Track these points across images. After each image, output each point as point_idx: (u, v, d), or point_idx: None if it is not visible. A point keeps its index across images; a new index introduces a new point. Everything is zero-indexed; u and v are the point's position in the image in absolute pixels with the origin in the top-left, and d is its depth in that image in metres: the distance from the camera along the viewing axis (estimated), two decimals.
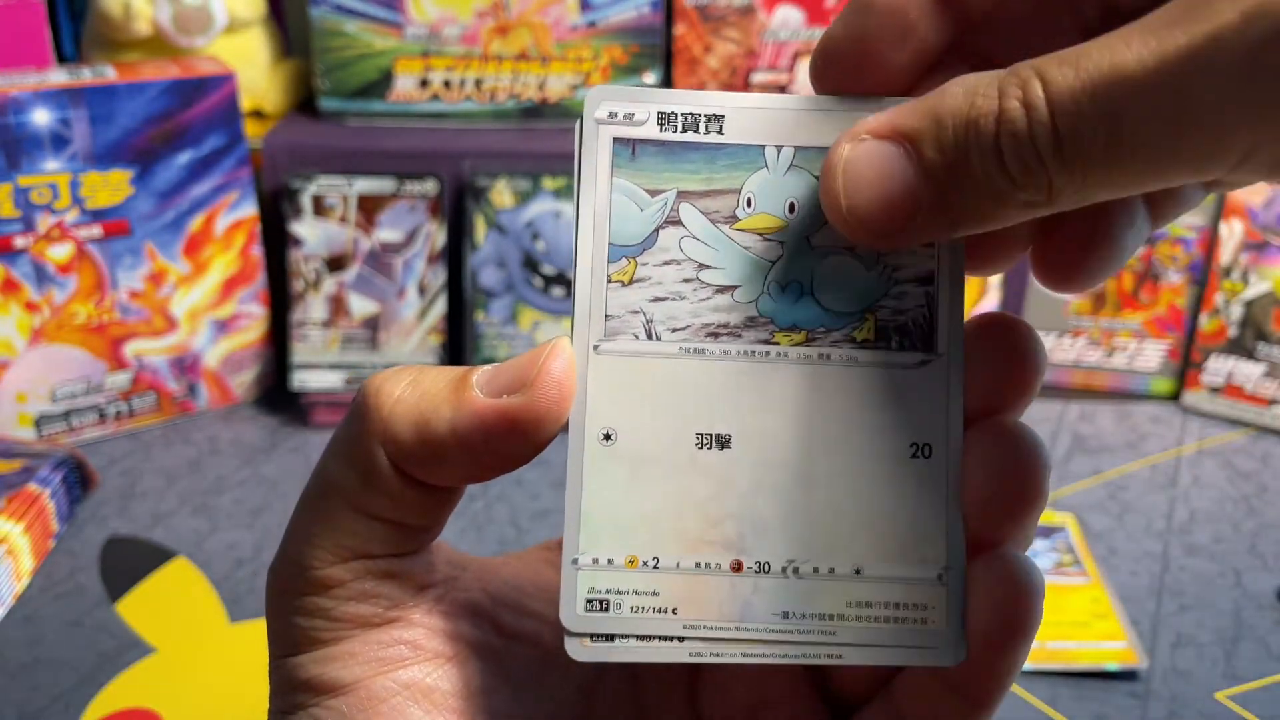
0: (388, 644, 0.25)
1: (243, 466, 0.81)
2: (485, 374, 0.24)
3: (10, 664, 0.62)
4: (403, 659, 0.25)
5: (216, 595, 0.67)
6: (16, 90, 0.75)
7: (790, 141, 0.25)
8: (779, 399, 0.24)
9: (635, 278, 0.25)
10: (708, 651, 0.24)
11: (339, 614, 0.24)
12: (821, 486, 0.24)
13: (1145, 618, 0.66)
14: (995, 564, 0.24)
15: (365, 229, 0.85)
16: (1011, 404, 0.25)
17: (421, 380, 0.24)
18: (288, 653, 0.25)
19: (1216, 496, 0.78)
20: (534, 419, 0.23)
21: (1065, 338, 0.92)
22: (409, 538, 0.25)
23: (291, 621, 0.25)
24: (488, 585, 0.27)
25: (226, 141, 0.82)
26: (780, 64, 0.89)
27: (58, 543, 0.72)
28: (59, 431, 0.83)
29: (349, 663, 0.24)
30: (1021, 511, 0.24)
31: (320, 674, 0.24)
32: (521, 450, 0.23)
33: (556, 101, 0.90)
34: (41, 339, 0.80)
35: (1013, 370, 0.24)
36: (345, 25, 0.88)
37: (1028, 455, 0.24)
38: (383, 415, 0.23)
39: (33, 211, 0.77)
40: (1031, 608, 0.23)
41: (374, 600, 0.25)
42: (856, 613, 0.24)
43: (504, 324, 0.86)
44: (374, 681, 0.24)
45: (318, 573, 0.24)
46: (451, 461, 0.23)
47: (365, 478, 0.24)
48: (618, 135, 0.25)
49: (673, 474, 0.24)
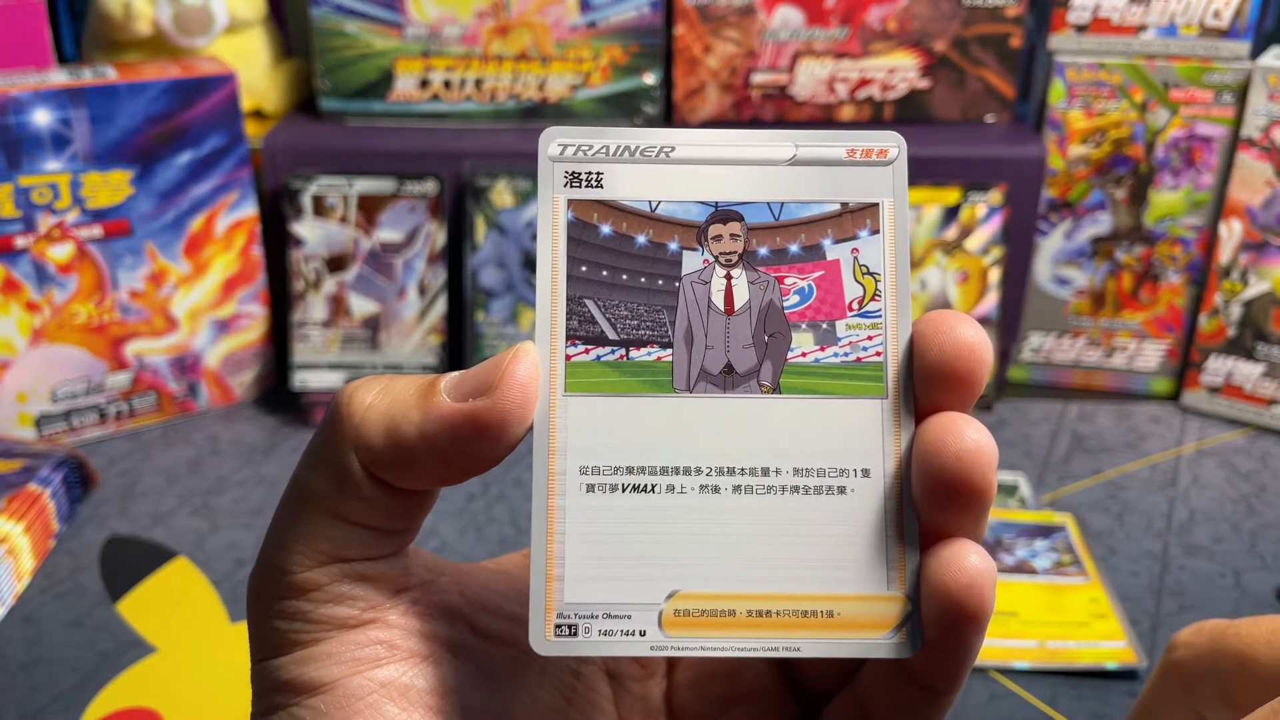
0: (364, 644, 0.25)
1: (243, 466, 0.81)
2: (452, 379, 0.25)
3: (10, 663, 0.62)
4: (379, 658, 0.25)
5: (217, 595, 0.67)
6: (17, 90, 0.75)
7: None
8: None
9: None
10: (669, 645, 0.25)
11: (317, 616, 0.25)
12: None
13: (1145, 617, 0.66)
14: (945, 555, 0.24)
15: (365, 229, 0.85)
16: (957, 402, 0.25)
17: (392, 388, 0.25)
18: (268, 655, 0.26)
19: (1216, 496, 0.78)
20: (499, 421, 0.24)
21: (1065, 338, 0.92)
22: (384, 541, 0.26)
23: (271, 625, 0.25)
24: (464, 589, 0.28)
25: (227, 142, 0.82)
26: (780, 64, 0.89)
27: (58, 542, 0.72)
28: (59, 431, 0.83)
29: (326, 663, 0.25)
30: (969, 505, 0.24)
31: (299, 675, 0.25)
32: (489, 452, 0.24)
33: (556, 102, 0.90)
34: (42, 339, 0.81)
35: (955, 371, 0.25)
36: (345, 25, 0.88)
37: (972, 449, 0.24)
38: (354, 422, 0.24)
39: (33, 211, 0.77)
40: (983, 595, 0.24)
41: (350, 602, 0.25)
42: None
43: (504, 324, 0.86)
44: (351, 680, 0.25)
45: (295, 577, 0.25)
46: (421, 465, 0.24)
47: (339, 483, 0.24)
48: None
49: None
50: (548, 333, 0.25)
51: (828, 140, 0.26)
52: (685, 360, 0.25)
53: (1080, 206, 0.88)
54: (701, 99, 0.90)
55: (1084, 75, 0.85)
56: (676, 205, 0.26)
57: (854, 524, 0.25)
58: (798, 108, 0.90)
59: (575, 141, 0.26)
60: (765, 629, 0.25)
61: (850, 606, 0.25)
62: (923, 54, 0.88)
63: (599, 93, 0.90)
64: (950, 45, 0.88)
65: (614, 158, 0.26)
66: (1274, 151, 0.82)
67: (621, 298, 0.26)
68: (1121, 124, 0.85)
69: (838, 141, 0.26)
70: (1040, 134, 0.88)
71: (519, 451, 0.25)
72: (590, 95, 0.90)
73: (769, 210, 0.26)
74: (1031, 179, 0.86)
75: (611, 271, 0.26)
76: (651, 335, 0.25)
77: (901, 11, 0.87)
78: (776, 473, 0.25)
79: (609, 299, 0.25)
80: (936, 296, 0.84)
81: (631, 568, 0.25)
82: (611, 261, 0.26)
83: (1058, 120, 0.86)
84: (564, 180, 0.26)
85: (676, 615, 0.25)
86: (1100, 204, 0.88)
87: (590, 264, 0.26)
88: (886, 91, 0.89)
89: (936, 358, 0.25)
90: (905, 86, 0.89)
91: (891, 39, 0.88)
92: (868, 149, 0.26)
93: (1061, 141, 0.87)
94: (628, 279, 0.26)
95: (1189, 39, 0.84)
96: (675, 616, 0.25)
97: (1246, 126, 0.82)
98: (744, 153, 0.26)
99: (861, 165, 0.26)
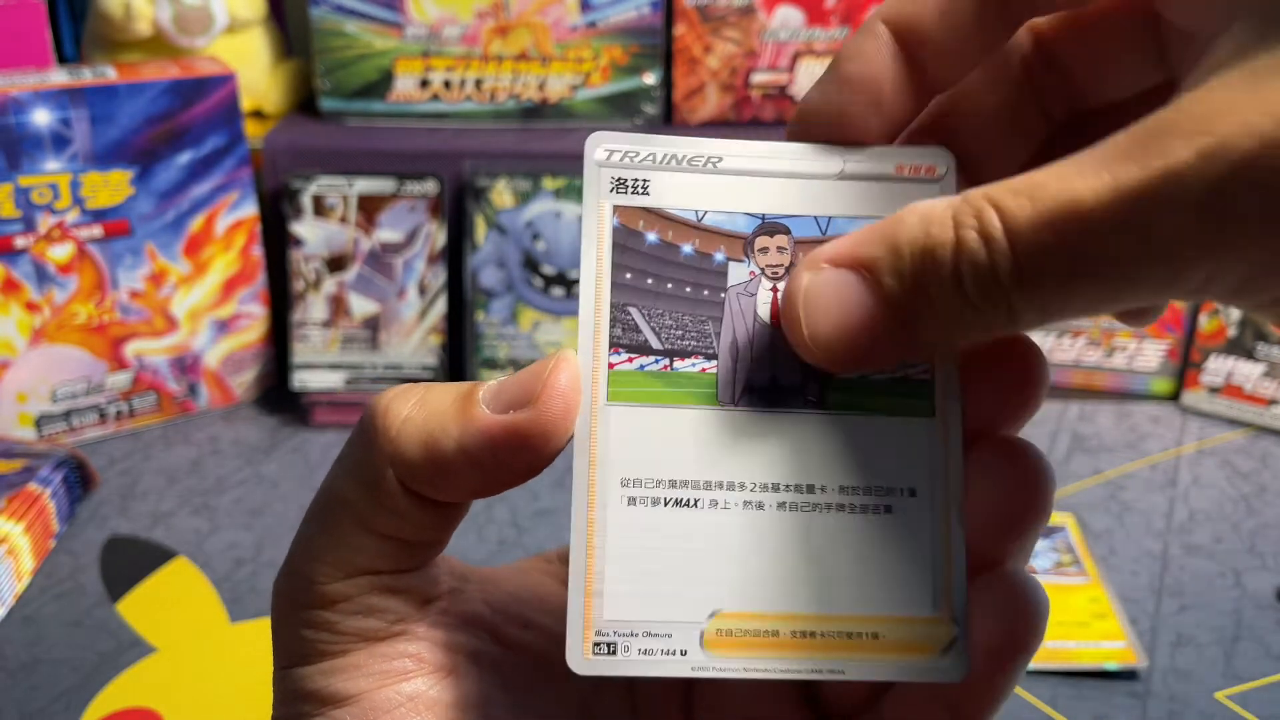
0: (392, 657, 0.25)
1: (243, 466, 0.81)
2: (490, 390, 0.24)
3: (11, 663, 0.62)
4: (406, 672, 0.25)
5: (216, 595, 0.67)
6: (17, 90, 0.75)
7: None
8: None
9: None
10: (711, 666, 0.24)
11: (344, 628, 0.25)
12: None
13: (1145, 617, 0.66)
14: (999, 583, 0.24)
15: (366, 229, 0.85)
16: (1012, 420, 0.25)
17: (428, 398, 0.24)
18: (293, 663, 0.25)
19: (1216, 496, 0.78)
20: (541, 433, 0.23)
21: (1065, 338, 0.92)
22: (415, 554, 0.25)
23: (297, 633, 0.25)
24: (490, 597, 0.27)
25: (227, 142, 0.82)
26: (780, 64, 0.89)
27: (58, 543, 0.72)
28: (59, 431, 0.83)
29: (353, 675, 0.25)
30: (1025, 529, 0.24)
31: (325, 686, 0.25)
32: (529, 464, 0.23)
33: (556, 102, 0.90)
34: (42, 339, 0.81)
35: (1014, 387, 0.24)
36: (345, 26, 0.88)
37: (1031, 471, 0.24)
38: (390, 435, 0.24)
39: (33, 211, 0.77)
40: (1036, 626, 0.23)
41: (379, 615, 0.25)
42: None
43: (504, 324, 0.86)
44: (378, 694, 0.25)
45: (324, 588, 0.25)
46: (459, 478, 0.24)
47: (373, 496, 0.24)
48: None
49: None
50: (590, 340, 0.25)
51: (876, 156, 0.25)
52: (730, 373, 0.25)
53: None
54: (701, 99, 0.90)
55: None
56: (723, 216, 0.25)
57: (900, 544, 0.24)
58: None
59: (622, 147, 0.25)
60: (809, 650, 0.24)
61: (896, 628, 0.24)
62: None
63: (599, 93, 0.90)
64: None
65: (661, 165, 0.25)
66: None
67: (666, 307, 0.25)
68: None
69: (886, 158, 0.26)
70: None
71: None
72: (590, 95, 0.90)
73: (816, 224, 0.25)
74: None
75: (656, 280, 0.25)
76: (696, 346, 0.25)
77: None
78: (822, 490, 0.24)
79: (654, 308, 0.25)
80: None
81: (673, 585, 0.24)
82: (657, 270, 0.25)
83: None
84: (610, 185, 0.25)
85: (719, 635, 0.24)
86: None
87: (635, 271, 0.25)
88: None
89: (993, 379, 0.24)
90: None
91: None
92: (916, 166, 0.26)
93: None
94: (673, 288, 0.25)
95: None
96: (717, 636, 0.24)
97: None
98: (792, 166, 0.25)
99: (910, 182, 0.26)
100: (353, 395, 0.85)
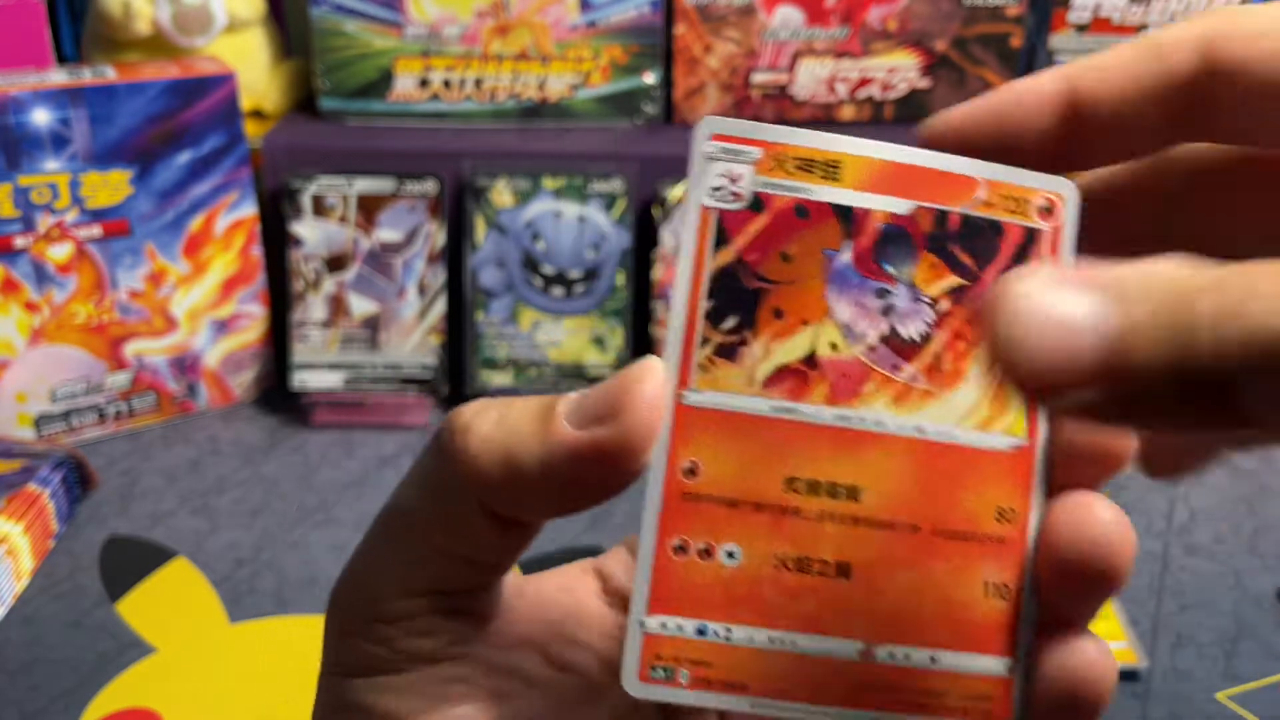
0: (446, 680, 0.25)
1: (243, 466, 0.81)
2: (571, 403, 0.22)
3: (10, 664, 0.62)
4: (459, 695, 0.25)
5: (216, 595, 0.67)
6: (16, 90, 0.75)
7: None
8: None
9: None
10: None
11: (402, 646, 0.24)
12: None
13: (1145, 618, 0.66)
14: (1072, 652, 0.23)
15: (365, 229, 0.85)
16: (1096, 479, 0.24)
17: (508, 415, 0.23)
18: (346, 672, 0.25)
19: (1217, 496, 0.78)
20: (628, 448, 0.22)
21: None
22: (482, 574, 0.25)
23: (354, 643, 0.25)
24: (541, 613, 0.27)
25: (226, 141, 0.82)
26: (780, 64, 0.89)
27: (57, 543, 0.72)
28: (59, 431, 0.83)
29: (406, 695, 0.24)
30: (1101, 594, 0.23)
31: (376, 701, 0.24)
32: (615, 481, 0.22)
33: (556, 101, 0.90)
34: (41, 339, 0.80)
35: (1100, 442, 0.23)
36: (345, 25, 0.88)
37: (1113, 533, 0.23)
38: (470, 454, 0.23)
39: (32, 211, 0.77)
40: (1105, 691, 0.23)
41: (438, 635, 0.24)
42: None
43: (504, 324, 0.86)
44: (428, 716, 0.24)
45: (387, 605, 0.24)
46: (540, 498, 0.23)
47: (447, 516, 0.23)
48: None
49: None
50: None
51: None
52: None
53: None
54: (702, 98, 0.90)
55: None
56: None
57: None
58: (798, 107, 0.90)
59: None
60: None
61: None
62: (923, 54, 0.88)
63: (599, 92, 0.89)
64: (950, 45, 0.88)
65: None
66: None
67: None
68: None
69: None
70: None
71: None
72: (590, 95, 0.90)
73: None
74: None
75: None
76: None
77: (902, 11, 0.87)
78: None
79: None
80: None
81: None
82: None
83: None
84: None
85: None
86: None
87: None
88: (887, 91, 0.89)
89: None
90: (905, 86, 0.89)
91: (892, 39, 0.88)
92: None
93: None
94: None
95: None
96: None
97: None
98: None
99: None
100: (352, 395, 0.85)
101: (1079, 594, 0.23)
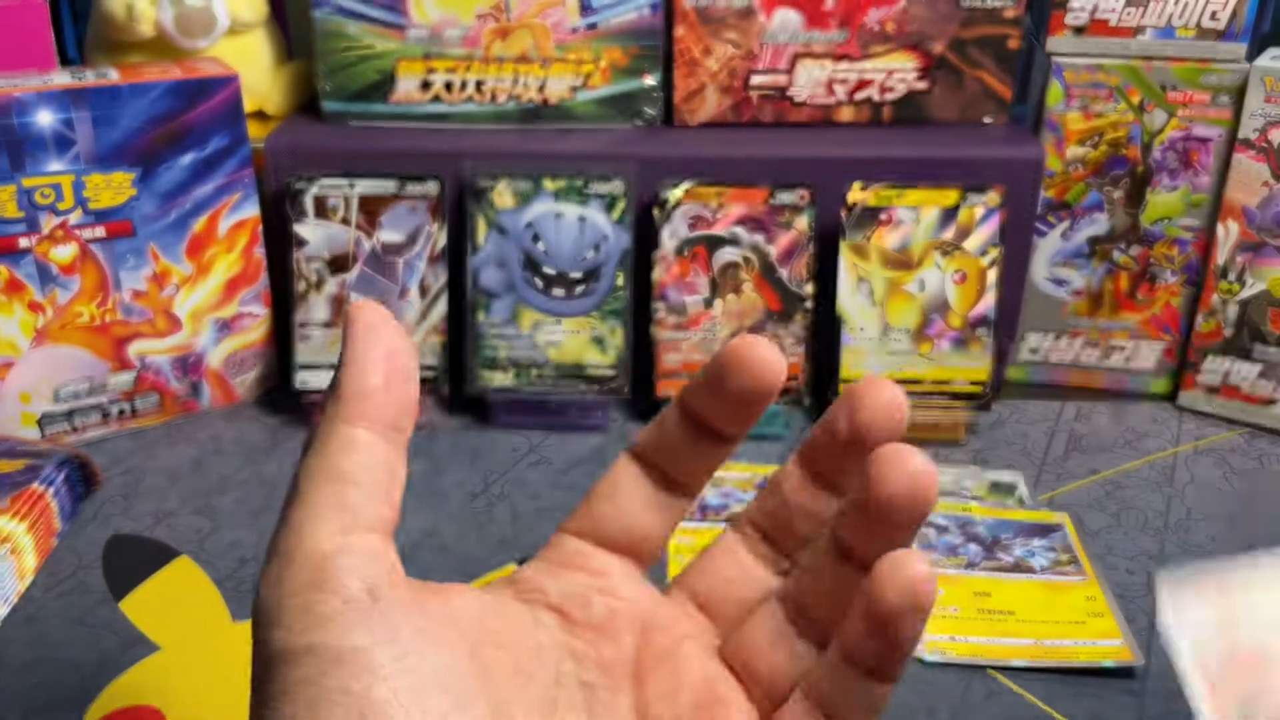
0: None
1: (245, 466, 0.81)
2: None
3: (14, 662, 0.62)
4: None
5: (219, 594, 0.68)
6: (20, 92, 0.75)
7: None
8: None
9: None
10: None
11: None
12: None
13: (1141, 616, 0.66)
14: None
15: (367, 230, 0.86)
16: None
17: None
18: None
19: (1213, 496, 0.78)
20: None
21: (1063, 338, 0.92)
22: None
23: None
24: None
25: (229, 143, 0.83)
26: (779, 66, 0.89)
27: (61, 541, 0.72)
28: (62, 431, 0.83)
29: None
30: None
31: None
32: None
33: (557, 103, 0.90)
34: (45, 339, 0.81)
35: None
36: (347, 27, 0.88)
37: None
38: None
39: (36, 212, 0.78)
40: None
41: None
42: None
43: (504, 324, 0.86)
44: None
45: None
46: None
47: None
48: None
49: None
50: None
51: None
52: None
53: (1078, 207, 0.88)
54: (701, 100, 0.90)
55: (1082, 77, 0.85)
56: None
57: None
58: (796, 109, 0.90)
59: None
60: None
61: None
62: (921, 56, 0.89)
63: (599, 94, 0.90)
64: (948, 47, 0.88)
65: None
66: (1271, 153, 0.82)
67: None
68: (1119, 125, 0.86)
69: None
70: (1038, 135, 0.88)
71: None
72: (590, 97, 0.90)
73: None
74: (1029, 180, 0.86)
75: None
76: None
77: (900, 13, 0.87)
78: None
79: None
80: (935, 297, 0.85)
81: None
82: None
83: (1055, 121, 0.87)
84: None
85: None
86: (1097, 205, 0.88)
87: None
88: (885, 93, 0.89)
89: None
90: (904, 88, 0.89)
91: (890, 41, 0.88)
92: None
93: (1059, 143, 0.87)
94: None
95: (1186, 40, 0.84)
96: None
97: (1243, 128, 0.83)
98: None
99: None
100: None
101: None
